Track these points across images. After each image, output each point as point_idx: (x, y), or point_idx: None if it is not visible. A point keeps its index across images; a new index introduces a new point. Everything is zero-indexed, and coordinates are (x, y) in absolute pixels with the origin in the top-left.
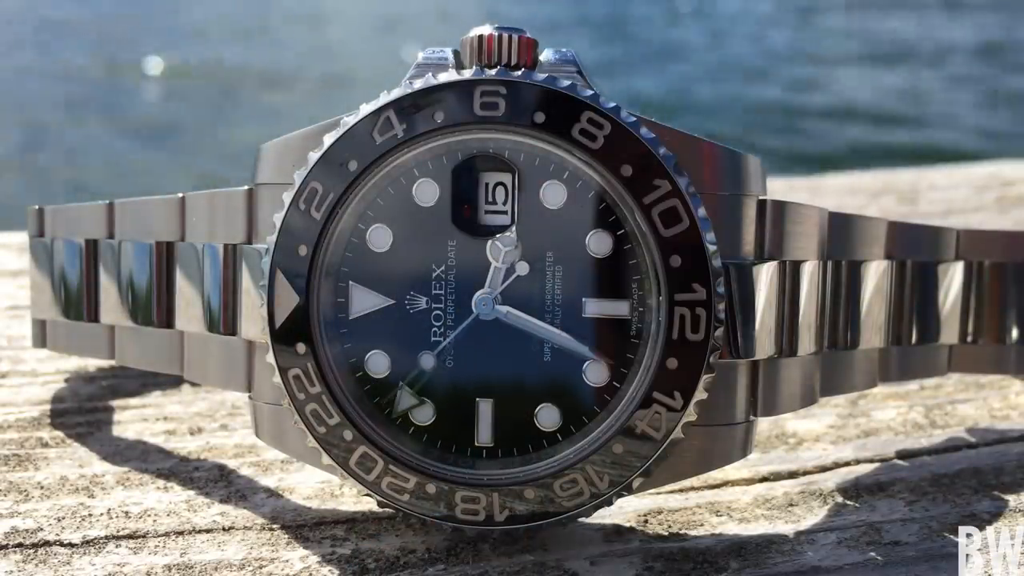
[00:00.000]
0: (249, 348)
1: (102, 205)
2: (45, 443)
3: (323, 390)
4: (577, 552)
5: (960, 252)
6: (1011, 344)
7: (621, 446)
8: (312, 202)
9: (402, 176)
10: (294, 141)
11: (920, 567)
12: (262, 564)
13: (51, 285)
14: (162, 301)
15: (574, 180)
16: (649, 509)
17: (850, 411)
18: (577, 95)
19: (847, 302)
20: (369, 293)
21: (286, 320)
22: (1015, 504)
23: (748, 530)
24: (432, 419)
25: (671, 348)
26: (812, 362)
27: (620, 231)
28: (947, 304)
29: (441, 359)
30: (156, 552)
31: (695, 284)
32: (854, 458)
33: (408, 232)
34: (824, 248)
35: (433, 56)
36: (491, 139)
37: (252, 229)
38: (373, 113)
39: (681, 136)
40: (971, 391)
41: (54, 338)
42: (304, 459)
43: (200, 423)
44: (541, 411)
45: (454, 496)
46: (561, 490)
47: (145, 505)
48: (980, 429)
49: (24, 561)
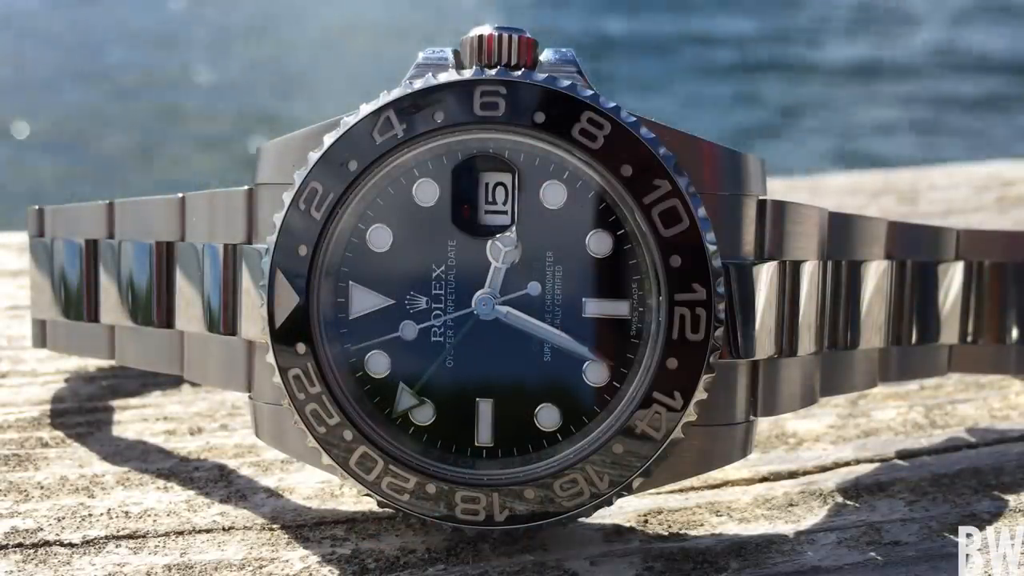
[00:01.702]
0: (249, 348)
1: (102, 205)
2: (45, 443)
3: (323, 390)
4: (577, 552)
5: (960, 252)
6: (1011, 344)
7: (621, 446)
8: (312, 202)
9: (402, 176)
10: (294, 141)
11: (920, 567)
12: (262, 564)
13: (51, 285)
14: (162, 301)
15: (574, 180)
16: (649, 509)
17: (850, 411)
18: (577, 95)
19: (847, 302)
20: (369, 293)
21: (286, 320)
22: (1015, 504)
23: (748, 530)
24: (432, 419)
25: (671, 348)
26: (812, 362)
27: (620, 231)
28: (947, 304)
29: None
30: (156, 552)
31: (695, 284)
32: (854, 458)
33: (408, 232)
34: (824, 248)
35: (433, 56)
36: (491, 139)
37: (252, 229)
38: (373, 113)
39: (681, 136)
40: (971, 391)
41: (54, 338)
42: (304, 459)
43: (200, 423)
44: (541, 411)
45: (454, 496)
46: (561, 490)
47: (145, 505)
48: (980, 429)
49: (24, 561)
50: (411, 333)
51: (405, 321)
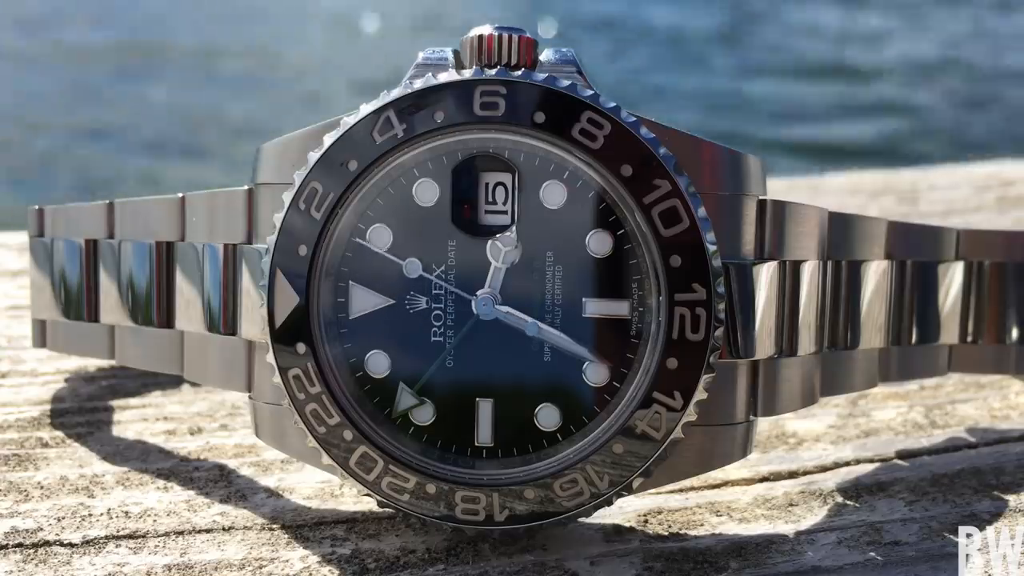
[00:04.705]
0: (249, 348)
1: (102, 205)
2: (45, 443)
3: (323, 390)
4: (577, 552)
5: (960, 252)
6: (1011, 344)
7: (621, 446)
8: (312, 202)
9: (402, 176)
10: (294, 141)
11: (920, 567)
12: (262, 564)
13: (51, 285)
14: (162, 301)
15: (574, 180)
16: (649, 509)
17: (850, 411)
18: (577, 95)
19: (847, 302)
20: (369, 293)
21: (286, 320)
22: (1015, 504)
23: (748, 530)
24: (432, 419)
25: (671, 348)
26: (812, 362)
27: (620, 231)
28: (947, 304)
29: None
30: (156, 552)
31: (695, 284)
32: (854, 458)
33: (408, 232)
34: (824, 248)
35: (433, 56)
36: (491, 139)
37: (252, 229)
38: (373, 113)
39: (681, 136)
40: (971, 391)
41: (54, 338)
42: (304, 459)
43: (200, 423)
44: (541, 411)
45: (454, 496)
46: (561, 490)
47: (145, 505)
48: (980, 429)
49: (24, 561)
50: (414, 270)
51: (410, 259)
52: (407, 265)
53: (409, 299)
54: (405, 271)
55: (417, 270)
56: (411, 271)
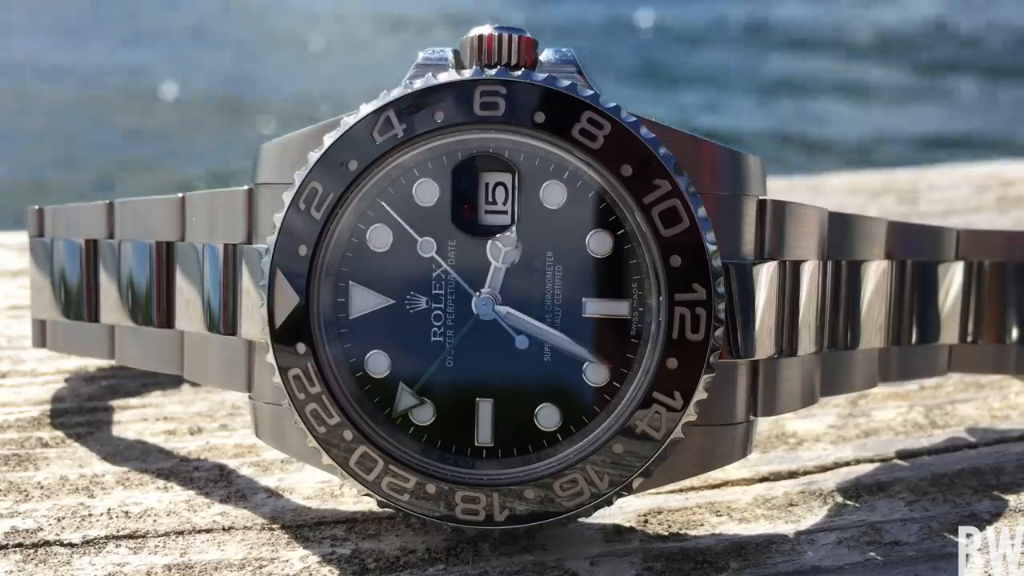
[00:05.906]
0: (249, 348)
1: (102, 205)
2: (45, 443)
3: (323, 390)
4: (577, 552)
5: (960, 252)
6: (1011, 344)
7: (621, 446)
8: (312, 202)
9: (402, 176)
10: (294, 141)
11: (920, 567)
12: (262, 564)
13: (51, 285)
14: (162, 301)
15: (574, 180)
16: (649, 509)
17: (850, 411)
18: (577, 95)
19: (847, 302)
20: (369, 293)
21: (286, 320)
22: (1015, 504)
23: (748, 530)
24: (432, 419)
25: (671, 348)
26: (812, 362)
27: (620, 231)
28: (947, 304)
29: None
30: (156, 552)
31: (695, 284)
32: (854, 458)
33: (408, 232)
34: (824, 248)
35: (433, 56)
36: (491, 139)
37: (252, 229)
38: (373, 113)
39: (681, 136)
40: (971, 391)
41: (54, 338)
42: (304, 459)
43: (200, 423)
44: (541, 411)
45: (454, 496)
46: (561, 490)
47: (145, 505)
48: (980, 429)
49: (24, 561)
50: (428, 248)
51: (426, 237)
52: (422, 243)
53: (409, 299)
54: (419, 249)
55: (431, 249)
56: (425, 249)
